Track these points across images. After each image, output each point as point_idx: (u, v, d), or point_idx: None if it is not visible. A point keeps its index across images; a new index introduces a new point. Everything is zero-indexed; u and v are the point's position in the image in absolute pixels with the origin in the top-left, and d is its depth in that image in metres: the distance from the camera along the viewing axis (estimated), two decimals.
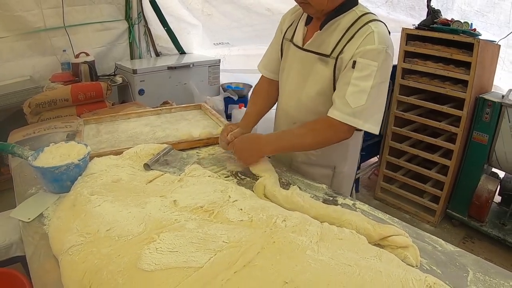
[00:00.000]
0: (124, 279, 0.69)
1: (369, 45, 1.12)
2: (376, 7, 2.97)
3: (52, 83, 2.78)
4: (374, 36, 1.12)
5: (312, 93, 1.28)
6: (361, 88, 1.12)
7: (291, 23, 1.37)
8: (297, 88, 1.32)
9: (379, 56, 1.12)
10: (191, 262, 0.71)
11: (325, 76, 1.23)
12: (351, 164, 1.45)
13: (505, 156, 2.38)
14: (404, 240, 0.90)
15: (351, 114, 1.13)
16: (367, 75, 1.12)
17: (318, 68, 1.24)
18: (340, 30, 1.19)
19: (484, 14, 2.50)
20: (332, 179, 1.42)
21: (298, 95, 1.32)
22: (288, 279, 0.68)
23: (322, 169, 1.40)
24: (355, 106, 1.12)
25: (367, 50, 1.12)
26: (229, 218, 0.88)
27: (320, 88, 1.25)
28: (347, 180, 1.47)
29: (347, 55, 1.16)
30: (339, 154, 1.38)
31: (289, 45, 1.35)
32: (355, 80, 1.13)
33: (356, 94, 1.12)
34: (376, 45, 1.11)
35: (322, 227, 0.88)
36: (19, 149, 1.21)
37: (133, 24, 3.46)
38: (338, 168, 1.41)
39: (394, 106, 2.80)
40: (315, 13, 1.22)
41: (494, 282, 0.84)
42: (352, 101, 1.13)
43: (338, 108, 1.16)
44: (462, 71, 2.37)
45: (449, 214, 2.75)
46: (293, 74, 1.34)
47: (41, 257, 0.89)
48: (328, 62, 1.21)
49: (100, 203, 0.92)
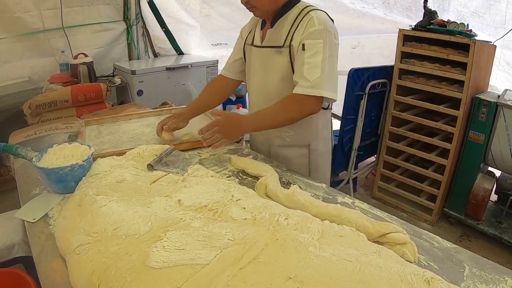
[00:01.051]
0: (132, 276, 0.71)
1: (311, 28, 1.30)
2: (373, 8, 3.00)
3: (51, 84, 2.79)
4: (314, 20, 1.31)
5: (275, 81, 1.44)
6: (314, 64, 1.29)
7: (250, 30, 1.56)
8: (262, 80, 1.49)
9: (322, 34, 1.30)
10: (198, 259, 0.73)
11: (283, 64, 1.40)
12: (325, 142, 1.60)
13: (501, 155, 2.41)
14: (402, 237, 0.92)
15: (311, 87, 1.29)
16: (316, 52, 1.29)
17: (276, 59, 1.42)
18: (288, 24, 1.38)
19: (480, 15, 2.52)
20: (309, 158, 1.56)
21: (265, 86, 1.48)
22: (292, 275, 0.70)
23: (298, 149, 1.54)
24: (313, 79, 1.29)
25: (310, 32, 1.30)
26: (233, 217, 0.90)
27: (281, 75, 1.42)
28: (323, 157, 1.60)
29: (296, 41, 1.34)
30: (311, 133, 1.53)
31: (250, 48, 1.53)
32: (307, 59, 1.30)
33: (311, 69, 1.29)
34: (316, 26, 1.30)
35: (323, 224, 0.90)
36: (23, 150, 1.23)
37: (131, 25, 3.47)
38: (312, 145, 1.55)
39: (391, 106, 2.83)
40: (262, 14, 1.41)
41: (489, 277, 0.86)
42: (310, 76, 1.29)
43: (300, 84, 1.31)
44: (459, 72, 2.40)
45: (446, 212, 2.78)
46: (257, 69, 1.51)
47: (48, 256, 0.91)
48: (282, 51, 1.39)
49: (106, 203, 0.94)
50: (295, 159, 1.54)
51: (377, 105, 3.01)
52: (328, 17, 1.36)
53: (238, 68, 1.63)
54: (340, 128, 2.83)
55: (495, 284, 0.84)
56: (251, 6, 1.36)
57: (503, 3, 2.38)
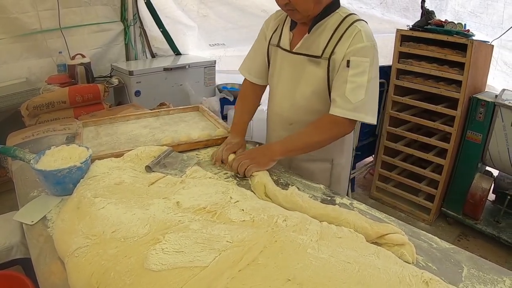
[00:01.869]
0: (131, 279, 0.71)
1: (359, 44, 1.20)
2: (371, 8, 3.01)
3: (48, 85, 2.77)
4: (362, 34, 1.20)
5: (307, 93, 1.33)
6: (358, 84, 1.19)
7: (275, 28, 1.42)
8: (291, 90, 1.37)
9: (369, 52, 1.20)
10: (197, 262, 0.73)
11: (318, 76, 1.29)
12: (347, 156, 1.54)
13: (498, 154, 2.42)
14: (400, 238, 0.93)
15: (352, 110, 1.20)
16: (362, 71, 1.19)
17: (310, 69, 1.30)
18: (328, 32, 1.26)
19: (478, 15, 2.53)
20: (331, 172, 1.49)
21: (292, 97, 1.37)
22: (291, 276, 0.70)
23: (321, 163, 1.47)
24: (356, 101, 1.19)
25: (358, 49, 1.19)
26: (231, 219, 0.90)
27: (314, 88, 1.31)
28: (344, 171, 1.54)
29: (339, 55, 1.23)
30: (336, 147, 1.44)
31: (277, 50, 1.40)
32: (351, 77, 1.20)
33: (355, 90, 1.19)
34: (365, 42, 1.20)
35: (321, 226, 0.91)
36: (20, 152, 1.22)
37: (128, 25, 3.47)
38: (335, 160, 1.48)
39: (389, 106, 2.83)
40: (301, 18, 1.27)
41: (488, 278, 0.87)
42: (352, 97, 1.20)
43: (340, 105, 1.22)
44: (456, 72, 2.41)
45: (444, 212, 2.79)
46: (284, 77, 1.39)
47: (46, 259, 0.91)
48: (320, 62, 1.27)
49: (104, 205, 0.94)
50: (317, 173, 1.45)
51: None
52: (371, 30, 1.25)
53: (265, 73, 1.50)
54: None
55: (493, 285, 0.84)
56: (291, 9, 1.22)
57: (501, 3, 2.40)
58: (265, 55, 1.46)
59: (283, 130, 1.45)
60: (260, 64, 1.49)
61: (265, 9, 3.29)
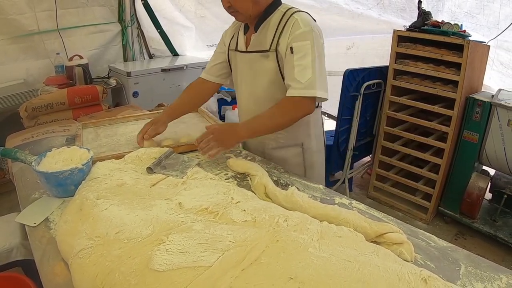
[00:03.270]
0: (136, 279, 0.72)
1: (297, 31, 1.31)
2: (368, 9, 3.02)
3: (46, 86, 2.77)
4: (298, 22, 1.31)
5: (265, 85, 1.45)
6: (304, 65, 1.30)
7: (232, 35, 1.55)
8: (251, 85, 1.50)
9: (308, 35, 1.30)
10: (200, 262, 0.74)
11: (271, 68, 1.41)
12: (317, 139, 1.61)
13: (495, 154, 2.44)
14: (399, 237, 0.94)
15: (304, 88, 1.30)
16: (305, 53, 1.30)
17: (263, 63, 1.42)
18: (272, 27, 1.38)
19: (474, 15, 2.55)
20: (303, 156, 1.58)
21: (254, 91, 1.50)
22: (293, 275, 0.72)
23: (292, 148, 1.56)
24: (305, 80, 1.30)
25: (296, 35, 1.31)
26: (233, 219, 0.92)
27: (269, 78, 1.43)
28: (317, 155, 1.62)
29: (283, 45, 1.34)
30: (303, 132, 1.55)
31: (235, 54, 1.53)
32: (297, 61, 1.31)
33: (302, 71, 1.30)
34: (302, 28, 1.30)
35: (321, 225, 0.92)
36: (22, 154, 1.23)
37: (126, 26, 3.47)
38: (305, 144, 1.57)
39: (386, 106, 2.85)
40: (245, 19, 1.41)
41: (485, 275, 0.88)
42: (301, 77, 1.30)
43: (293, 87, 1.32)
44: (453, 72, 2.42)
45: (441, 211, 2.81)
46: (245, 75, 1.51)
47: (50, 260, 0.92)
48: (269, 55, 1.39)
49: (107, 206, 0.95)
50: (290, 159, 1.55)
51: (372, 106, 3.03)
52: (311, 18, 1.36)
53: (218, 71, 1.63)
54: (335, 128, 2.85)
55: (491, 282, 0.86)
56: (233, 11, 1.35)
57: (497, 4, 2.41)
58: (223, 57, 1.60)
59: None
60: (216, 63, 1.63)
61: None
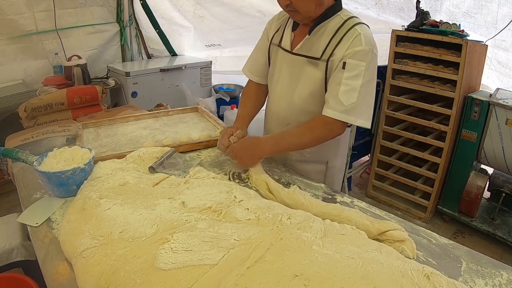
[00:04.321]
0: (142, 278, 0.72)
1: (357, 47, 1.19)
2: (366, 8, 3.03)
3: (45, 86, 2.77)
4: (361, 38, 1.20)
5: (304, 94, 1.34)
6: (352, 87, 1.19)
7: (278, 28, 1.43)
8: (288, 90, 1.38)
9: (367, 57, 1.20)
10: (206, 260, 0.75)
11: (316, 78, 1.29)
12: (342, 158, 1.54)
13: (493, 153, 2.45)
14: (401, 234, 0.95)
15: (344, 112, 1.21)
16: (357, 74, 1.19)
17: (308, 70, 1.31)
18: (328, 34, 1.26)
19: (472, 15, 2.56)
20: (325, 174, 1.49)
21: (290, 97, 1.38)
22: (298, 272, 0.72)
23: (316, 165, 1.47)
24: (348, 103, 1.20)
25: (355, 52, 1.19)
26: (237, 218, 0.92)
27: (312, 89, 1.31)
28: (338, 173, 1.56)
29: (337, 57, 1.23)
30: (331, 150, 1.45)
31: (277, 50, 1.41)
32: (346, 80, 1.20)
33: (348, 93, 1.20)
34: (363, 46, 1.19)
35: (324, 223, 0.93)
36: (23, 154, 1.23)
37: (124, 26, 3.46)
38: (330, 162, 1.48)
39: (385, 106, 2.86)
40: (302, 19, 1.28)
41: (486, 271, 0.89)
42: (345, 99, 1.20)
43: (332, 106, 1.22)
44: (451, 71, 2.44)
45: (440, 210, 2.83)
46: (283, 77, 1.40)
47: (53, 260, 0.91)
48: (319, 64, 1.27)
49: (110, 206, 0.95)
50: (311, 175, 1.43)
51: None
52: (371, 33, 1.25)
53: (267, 72, 1.50)
54: None
55: (491, 278, 0.87)
56: (292, 10, 1.22)
57: (495, 4, 2.43)
58: (266, 54, 1.47)
59: (279, 129, 1.46)
60: (262, 63, 1.50)
61: (261, 10, 3.30)
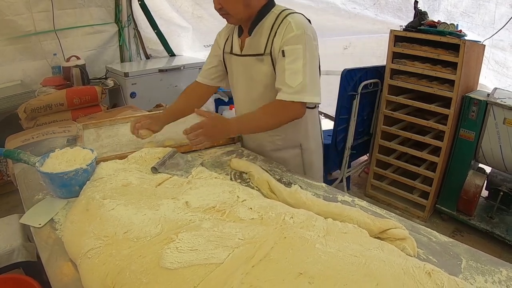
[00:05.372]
0: (148, 278, 0.73)
1: (289, 34, 1.28)
2: (364, 9, 3.04)
3: (43, 87, 2.77)
4: (292, 25, 1.29)
5: (260, 89, 1.43)
6: (295, 70, 1.28)
7: (227, 38, 1.52)
8: (247, 89, 1.48)
9: (301, 39, 1.28)
10: (211, 259, 0.76)
11: (266, 72, 1.39)
12: (315, 140, 1.61)
13: (491, 152, 2.47)
14: (401, 233, 0.96)
15: (293, 93, 1.29)
16: (296, 57, 1.28)
17: (258, 67, 1.40)
18: (266, 30, 1.35)
19: (470, 15, 2.58)
20: (302, 157, 1.58)
21: (249, 94, 1.48)
22: (302, 270, 0.73)
23: (290, 150, 1.56)
24: (295, 85, 1.28)
25: (289, 38, 1.28)
26: (240, 217, 0.93)
27: (265, 83, 1.41)
28: (315, 154, 1.62)
29: (276, 48, 1.32)
30: (301, 133, 1.53)
31: (230, 57, 1.50)
32: (288, 65, 1.29)
33: (293, 75, 1.28)
34: (295, 31, 1.28)
35: (327, 222, 0.93)
36: (25, 155, 1.23)
37: (123, 27, 3.47)
38: (303, 145, 1.56)
39: (383, 106, 2.87)
40: (237, 22, 1.38)
41: (485, 269, 0.90)
42: (291, 82, 1.28)
43: (283, 91, 1.31)
44: (449, 71, 2.45)
45: (438, 209, 2.84)
46: (240, 79, 1.49)
47: (57, 261, 0.92)
48: (264, 59, 1.37)
49: (113, 206, 0.95)
50: (289, 160, 1.54)
51: (369, 105, 3.05)
52: (306, 19, 1.34)
53: (213, 74, 1.61)
54: (333, 127, 2.87)
55: (491, 275, 0.88)
56: (224, 13, 1.32)
57: (492, 3, 2.44)
58: (221, 62, 1.56)
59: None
60: (211, 66, 1.60)
61: None
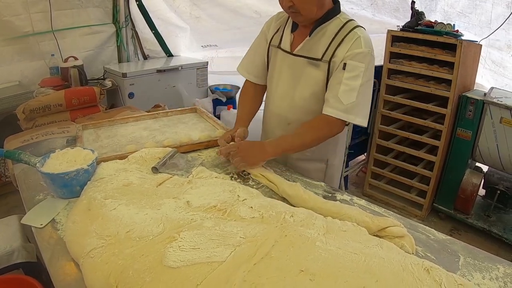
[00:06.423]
0: (151, 276, 0.74)
1: (357, 49, 1.25)
2: (362, 9, 3.06)
3: (42, 88, 2.76)
4: (361, 40, 1.25)
5: (305, 95, 1.37)
6: (351, 87, 1.24)
7: (277, 30, 1.46)
8: (289, 90, 1.41)
9: (366, 58, 1.25)
10: (214, 257, 0.77)
11: (317, 78, 1.33)
12: (340, 156, 1.60)
13: (488, 151, 2.49)
14: (400, 231, 0.98)
15: (344, 111, 1.26)
16: (356, 75, 1.24)
17: (309, 71, 1.34)
18: (328, 36, 1.30)
19: (466, 15, 2.60)
20: (325, 172, 1.54)
21: (291, 97, 1.41)
22: (303, 268, 0.75)
23: (316, 163, 1.52)
24: (347, 103, 1.25)
25: (355, 53, 1.25)
26: (241, 216, 0.94)
27: (313, 89, 1.35)
28: (337, 171, 1.61)
29: (338, 58, 1.27)
30: (330, 148, 1.50)
31: (277, 51, 1.44)
32: (346, 80, 1.25)
33: (347, 92, 1.25)
34: (363, 48, 1.25)
35: (326, 221, 0.95)
36: (25, 156, 1.23)
37: (120, 27, 3.46)
38: (330, 160, 1.53)
39: (381, 105, 2.89)
40: (303, 21, 1.31)
41: (483, 266, 0.92)
42: (344, 98, 1.25)
43: (332, 105, 1.27)
44: (446, 71, 2.47)
45: (436, 207, 2.86)
46: (284, 78, 1.42)
47: (59, 261, 0.92)
48: (320, 65, 1.31)
49: (115, 206, 0.96)
50: (312, 173, 1.47)
51: None
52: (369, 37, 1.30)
53: (264, 73, 1.54)
54: None
55: (488, 272, 0.90)
56: (294, 11, 1.25)
57: (489, 3, 2.46)
58: (265, 56, 1.49)
59: (280, 129, 1.49)
60: (259, 64, 1.53)
61: (257, 11, 3.32)
